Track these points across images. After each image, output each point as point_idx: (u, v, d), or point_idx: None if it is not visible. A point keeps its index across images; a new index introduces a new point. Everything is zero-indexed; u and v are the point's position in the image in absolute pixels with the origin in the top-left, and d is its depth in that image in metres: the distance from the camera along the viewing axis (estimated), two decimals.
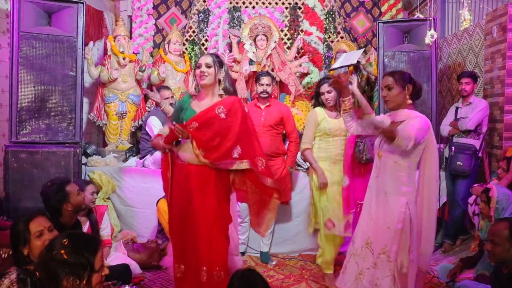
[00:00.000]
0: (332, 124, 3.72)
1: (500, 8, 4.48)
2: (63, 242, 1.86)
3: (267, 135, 4.12)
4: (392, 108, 2.77)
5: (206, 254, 2.82)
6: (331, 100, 3.72)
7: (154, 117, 4.69)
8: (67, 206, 3.05)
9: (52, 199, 3.04)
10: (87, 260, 1.86)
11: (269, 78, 4.26)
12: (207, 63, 2.89)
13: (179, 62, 5.75)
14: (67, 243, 1.86)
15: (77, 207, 3.14)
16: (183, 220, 2.88)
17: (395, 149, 2.64)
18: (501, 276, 2.60)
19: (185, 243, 2.89)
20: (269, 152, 4.04)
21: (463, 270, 3.50)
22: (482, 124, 4.36)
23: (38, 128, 4.15)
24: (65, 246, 1.85)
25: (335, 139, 3.74)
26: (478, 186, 3.90)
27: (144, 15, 6.16)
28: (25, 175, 4.02)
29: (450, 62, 5.57)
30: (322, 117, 3.75)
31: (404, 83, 2.71)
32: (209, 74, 2.88)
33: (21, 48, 4.05)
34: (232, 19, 6.05)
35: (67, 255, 1.83)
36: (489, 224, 3.37)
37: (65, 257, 1.83)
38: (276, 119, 4.17)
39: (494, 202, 3.24)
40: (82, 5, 4.21)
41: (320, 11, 6.01)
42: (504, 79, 4.32)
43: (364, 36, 6.24)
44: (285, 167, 4.19)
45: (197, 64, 2.95)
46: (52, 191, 3.07)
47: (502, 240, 2.53)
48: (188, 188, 2.85)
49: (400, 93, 2.71)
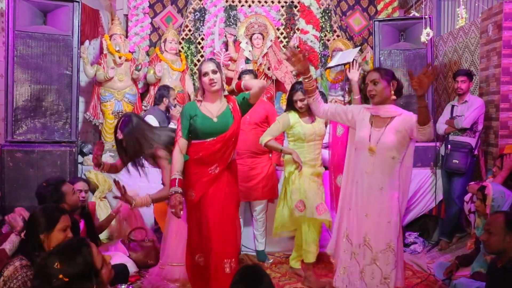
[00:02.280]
0: (307, 129, 3.66)
1: (495, 6, 4.49)
2: (55, 267, 1.77)
3: (252, 133, 4.08)
4: (377, 102, 2.79)
5: (226, 245, 2.97)
6: (304, 108, 3.66)
7: (151, 116, 4.68)
8: (63, 207, 3.04)
9: (48, 200, 3.03)
10: (87, 266, 1.82)
11: (251, 76, 4.23)
12: (214, 70, 2.96)
13: (175, 61, 5.74)
14: (59, 266, 1.77)
15: (73, 206, 3.14)
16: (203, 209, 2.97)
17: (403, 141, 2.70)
18: (496, 270, 2.62)
19: (206, 233, 2.96)
20: (255, 149, 4.05)
21: (459, 268, 3.51)
22: (478, 122, 4.37)
23: (34, 127, 4.14)
24: (59, 269, 1.77)
25: (310, 144, 3.68)
26: (474, 184, 3.91)
27: (140, 14, 6.14)
28: (21, 174, 4.02)
29: (446, 60, 5.58)
30: (295, 121, 3.68)
31: (389, 78, 2.77)
32: (217, 79, 2.96)
33: (17, 47, 4.04)
34: (228, 17, 6.04)
35: (67, 277, 1.76)
36: (485, 222, 3.37)
37: (66, 280, 1.76)
38: (261, 117, 4.15)
39: (489, 200, 3.25)
40: (77, 4, 4.21)
41: (316, 10, 6.02)
42: (499, 77, 4.33)
43: (360, 35, 6.25)
44: (271, 164, 4.19)
45: (203, 73, 2.98)
46: (48, 192, 3.06)
47: (498, 229, 2.57)
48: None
49: (386, 87, 2.75)
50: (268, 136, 3.70)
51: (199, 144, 2.98)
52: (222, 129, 2.98)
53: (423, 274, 3.88)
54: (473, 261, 3.43)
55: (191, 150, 3.00)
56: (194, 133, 2.99)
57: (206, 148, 2.96)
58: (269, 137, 3.69)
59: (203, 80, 2.98)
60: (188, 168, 3.00)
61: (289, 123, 3.68)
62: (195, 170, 2.99)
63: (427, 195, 4.70)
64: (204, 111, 2.99)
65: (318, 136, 3.70)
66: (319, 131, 3.70)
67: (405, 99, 4.85)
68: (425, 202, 4.72)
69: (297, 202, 3.62)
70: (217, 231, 2.93)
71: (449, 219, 4.57)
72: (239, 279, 2.04)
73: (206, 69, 2.97)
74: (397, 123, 2.70)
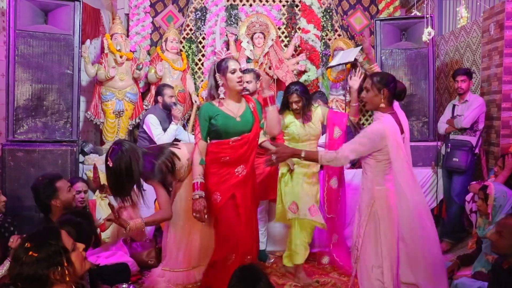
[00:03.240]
0: (301, 129, 3.69)
1: (497, 5, 4.48)
2: (25, 247, 1.84)
3: None
4: (370, 109, 2.85)
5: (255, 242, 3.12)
6: (299, 109, 3.68)
7: (152, 115, 4.68)
8: (55, 202, 3.01)
9: (41, 193, 3.02)
10: (56, 246, 1.86)
11: (251, 75, 4.20)
12: (241, 69, 3.01)
13: (177, 60, 5.74)
14: (29, 245, 1.84)
15: (66, 203, 3.09)
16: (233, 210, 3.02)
17: None
18: (501, 271, 2.60)
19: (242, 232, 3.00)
20: (257, 149, 4.03)
21: (461, 267, 3.50)
22: (478, 121, 4.36)
23: (35, 126, 4.14)
24: (29, 248, 1.83)
25: (304, 144, 3.69)
26: (476, 184, 3.90)
27: (141, 13, 6.14)
28: (22, 173, 4.01)
29: (447, 59, 5.57)
30: (290, 121, 3.72)
31: (381, 87, 2.70)
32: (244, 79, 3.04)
33: (18, 46, 4.04)
34: (229, 17, 6.04)
35: (36, 253, 1.82)
36: (486, 222, 3.37)
37: (36, 255, 1.81)
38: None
39: (491, 200, 3.24)
40: (78, 3, 4.21)
41: (318, 9, 6.01)
42: (501, 77, 4.32)
43: (362, 34, 6.24)
44: None
45: (230, 70, 2.95)
46: (42, 186, 3.03)
47: (510, 234, 2.52)
48: None
49: (375, 96, 2.72)
50: (264, 136, 3.71)
51: (221, 144, 2.98)
52: (245, 128, 2.99)
53: None
54: (475, 261, 3.42)
55: (213, 150, 2.99)
56: (216, 133, 2.98)
57: (230, 148, 2.96)
58: (264, 137, 3.70)
59: (230, 77, 2.94)
60: (208, 169, 2.98)
61: (284, 122, 3.71)
62: (217, 171, 2.98)
63: (428, 194, 4.69)
64: (226, 111, 2.98)
65: (313, 136, 3.72)
66: (314, 131, 3.72)
67: (406, 98, 4.79)
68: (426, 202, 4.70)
69: (291, 204, 3.66)
70: (250, 230, 3.02)
71: (450, 219, 4.56)
72: (238, 280, 2.03)
73: (235, 66, 2.95)
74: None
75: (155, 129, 4.60)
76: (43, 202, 3.01)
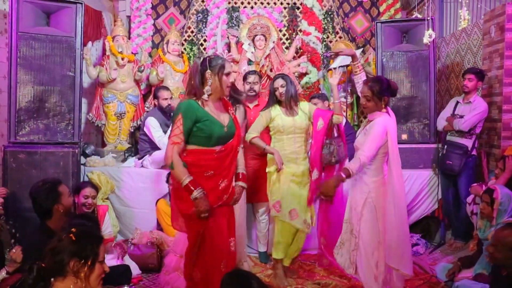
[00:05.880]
0: (286, 121, 3.68)
1: (498, 8, 4.48)
2: (71, 230, 2.01)
3: None
4: (369, 113, 3.13)
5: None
6: (284, 94, 3.69)
7: (152, 117, 4.68)
8: (58, 207, 2.94)
9: (44, 199, 2.93)
10: (93, 247, 1.98)
11: (256, 76, 4.24)
12: (239, 71, 2.94)
13: (178, 62, 5.75)
14: (75, 230, 2.00)
15: (68, 209, 3.04)
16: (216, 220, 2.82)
17: None
18: (500, 278, 2.59)
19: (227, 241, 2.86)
20: (258, 151, 4.02)
21: (462, 269, 3.50)
22: (476, 126, 4.33)
23: (37, 128, 4.15)
24: (73, 232, 1.99)
25: (289, 136, 3.69)
26: (477, 186, 3.90)
27: (142, 15, 6.15)
28: (24, 175, 4.02)
29: (448, 61, 5.57)
30: (276, 113, 3.72)
31: (381, 95, 3.01)
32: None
33: (20, 48, 4.05)
34: (230, 19, 6.05)
35: (75, 237, 1.96)
36: (488, 224, 3.37)
37: (74, 239, 1.95)
38: None
39: (497, 204, 3.23)
40: (80, 5, 4.21)
41: (319, 11, 6.02)
42: (502, 79, 4.32)
43: (363, 36, 6.25)
44: None
45: (225, 72, 2.68)
46: (44, 191, 2.96)
47: (505, 248, 2.47)
48: None
49: (377, 104, 3.05)
50: (254, 132, 3.74)
51: (204, 153, 2.67)
52: (229, 136, 2.73)
53: (425, 275, 3.87)
54: (476, 263, 3.42)
55: (194, 161, 2.65)
56: (201, 139, 2.66)
57: (215, 159, 2.68)
58: (254, 133, 3.73)
59: (224, 79, 2.66)
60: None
61: (270, 115, 3.72)
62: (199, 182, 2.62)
63: (429, 196, 4.69)
64: (215, 116, 2.68)
65: (299, 129, 3.70)
66: (300, 124, 3.71)
67: (407, 100, 4.85)
68: (427, 204, 4.70)
69: (275, 202, 3.67)
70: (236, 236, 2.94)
71: (460, 221, 4.48)
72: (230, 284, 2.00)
73: (230, 68, 2.72)
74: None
75: (156, 132, 4.60)
76: (45, 207, 2.92)
